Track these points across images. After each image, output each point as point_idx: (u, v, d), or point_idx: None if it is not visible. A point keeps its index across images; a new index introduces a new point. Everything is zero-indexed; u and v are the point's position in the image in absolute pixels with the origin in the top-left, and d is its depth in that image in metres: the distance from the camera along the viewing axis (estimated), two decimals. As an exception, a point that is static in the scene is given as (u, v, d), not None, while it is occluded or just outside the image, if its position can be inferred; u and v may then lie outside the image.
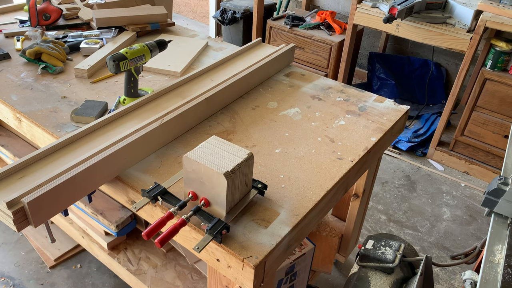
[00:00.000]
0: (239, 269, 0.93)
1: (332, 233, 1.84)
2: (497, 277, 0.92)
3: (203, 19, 4.78)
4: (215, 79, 1.57)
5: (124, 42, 1.82)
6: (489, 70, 2.43)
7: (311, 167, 1.20)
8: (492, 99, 2.48)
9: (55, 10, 1.96)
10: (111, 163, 1.09)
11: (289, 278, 1.47)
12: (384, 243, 1.38)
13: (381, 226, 2.31)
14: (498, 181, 1.05)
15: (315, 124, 1.40)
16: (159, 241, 0.88)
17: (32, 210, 0.94)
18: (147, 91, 1.50)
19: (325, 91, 1.59)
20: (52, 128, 1.30)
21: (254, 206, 1.06)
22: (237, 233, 0.98)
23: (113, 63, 1.34)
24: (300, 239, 1.10)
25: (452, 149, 2.78)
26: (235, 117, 1.41)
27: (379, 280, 1.30)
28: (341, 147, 1.30)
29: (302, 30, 3.10)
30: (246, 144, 1.28)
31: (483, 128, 2.59)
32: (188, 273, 1.65)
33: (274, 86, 1.61)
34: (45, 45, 1.64)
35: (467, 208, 2.48)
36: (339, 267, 2.05)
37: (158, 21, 1.99)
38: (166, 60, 1.71)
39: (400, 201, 2.50)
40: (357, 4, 2.71)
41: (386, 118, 1.45)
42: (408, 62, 3.31)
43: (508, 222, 1.05)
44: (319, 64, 3.15)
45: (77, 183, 1.02)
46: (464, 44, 2.42)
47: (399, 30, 2.63)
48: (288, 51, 1.72)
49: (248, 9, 3.57)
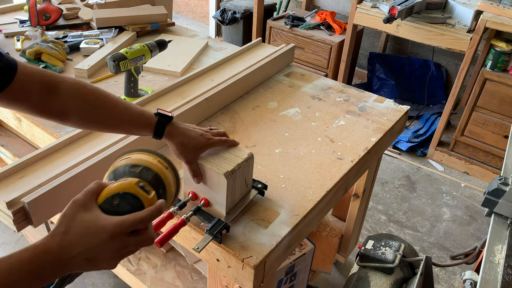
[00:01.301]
0: (239, 269, 0.93)
1: (332, 233, 1.84)
2: (497, 277, 0.92)
3: (203, 19, 4.78)
4: (215, 79, 1.57)
5: (124, 42, 1.82)
6: (489, 70, 2.43)
7: (311, 167, 1.20)
8: (492, 99, 2.48)
9: (55, 10, 1.96)
10: (111, 163, 1.09)
11: (289, 278, 1.47)
12: (384, 243, 1.38)
13: (381, 226, 2.31)
14: (498, 181, 1.05)
15: (315, 124, 1.40)
16: (158, 241, 0.87)
17: (32, 210, 0.94)
18: (147, 91, 1.50)
19: (325, 91, 1.59)
20: (52, 128, 1.30)
21: (254, 206, 1.06)
22: (237, 233, 0.98)
23: (113, 63, 1.34)
24: (300, 239, 1.10)
25: (452, 149, 2.78)
26: (235, 117, 1.41)
27: (379, 280, 1.30)
28: (341, 147, 1.30)
29: (302, 30, 3.10)
30: (246, 144, 1.28)
31: (483, 128, 2.59)
32: (188, 273, 1.65)
33: (274, 86, 1.61)
34: (45, 45, 1.64)
35: (467, 208, 2.48)
36: (339, 267, 2.05)
37: (158, 21, 1.99)
38: (166, 60, 1.71)
39: (400, 201, 2.50)
40: (357, 4, 2.71)
41: (386, 118, 1.45)
42: (408, 62, 3.31)
43: (508, 222, 1.05)
44: (319, 64, 3.15)
45: (77, 183, 1.02)
46: (464, 44, 2.42)
47: (399, 30, 2.63)
48: (288, 51, 1.72)
49: (248, 9, 3.57)
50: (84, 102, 0.89)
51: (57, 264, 0.61)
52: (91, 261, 0.62)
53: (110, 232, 0.62)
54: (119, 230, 0.63)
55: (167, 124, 0.95)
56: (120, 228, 0.63)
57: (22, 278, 0.58)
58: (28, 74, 0.83)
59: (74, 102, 0.88)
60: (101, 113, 0.91)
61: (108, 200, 0.66)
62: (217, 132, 1.01)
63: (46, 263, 0.60)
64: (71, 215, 0.64)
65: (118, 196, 0.66)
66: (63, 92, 0.87)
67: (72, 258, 0.61)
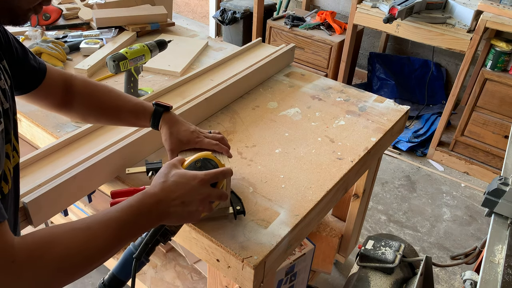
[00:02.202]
0: (239, 269, 0.93)
1: (332, 233, 1.84)
2: (497, 278, 0.92)
3: (203, 19, 4.78)
4: (215, 79, 1.57)
5: (124, 42, 1.82)
6: (489, 70, 2.43)
7: (311, 167, 1.20)
8: (492, 99, 2.48)
9: (55, 10, 1.96)
10: (111, 163, 1.09)
11: (289, 278, 1.47)
12: (384, 243, 1.38)
13: (381, 226, 2.31)
14: (498, 181, 1.05)
15: (315, 124, 1.39)
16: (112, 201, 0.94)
17: (32, 210, 0.94)
18: (147, 91, 1.50)
19: (325, 91, 1.59)
20: (52, 128, 1.30)
21: (254, 206, 1.06)
22: (237, 233, 0.98)
23: (113, 63, 1.34)
24: (300, 239, 1.10)
25: (452, 149, 2.77)
26: (235, 117, 1.41)
27: (379, 281, 1.30)
28: (341, 147, 1.30)
29: (302, 30, 3.10)
30: (246, 144, 1.28)
31: (483, 129, 2.59)
32: (188, 273, 1.65)
33: (274, 86, 1.61)
34: (45, 45, 1.64)
35: (467, 208, 2.48)
36: (339, 267, 2.05)
37: (158, 21, 1.99)
38: (166, 60, 1.71)
39: (400, 201, 2.50)
40: (357, 4, 2.71)
41: (386, 118, 1.45)
42: (408, 62, 3.31)
43: (508, 223, 1.05)
44: (319, 64, 3.15)
45: (77, 183, 1.02)
46: (464, 44, 2.42)
47: (399, 30, 2.63)
48: (288, 51, 1.72)
49: (248, 9, 3.57)
50: (91, 92, 1.00)
51: (161, 205, 0.73)
52: (185, 205, 0.75)
53: (200, 179, 0.77)
54: (206, 178, 0.78)
55: (163, 113, 1.01)
56: (206, 177, 0.78)
57: (133, 215, 0.70)
58: (53, 74, 0.95)
59: (82, 93, 1.00)
60: (105, 101, 1.00)
61: (192, 164, 0.84)
62: (212, 136, 1.03)
63: (152, 205, 0.73)
64: (167, 170, 0.79)
65: (200, 161, 0.85)
66: (75, 87, 0.99)
67: (172, 201, 0.74)
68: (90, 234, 0.66)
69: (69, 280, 0.64)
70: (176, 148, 0.99)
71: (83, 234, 0.66)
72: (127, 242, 0.71)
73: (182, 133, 1.00)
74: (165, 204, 0.74)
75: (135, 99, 1.05)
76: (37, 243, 0.61)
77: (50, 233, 0.63)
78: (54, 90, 0.96)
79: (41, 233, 0.63)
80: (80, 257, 0.64)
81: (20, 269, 0.58)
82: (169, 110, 1.02)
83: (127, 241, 0.71)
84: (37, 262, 0.59)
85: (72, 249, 0.63)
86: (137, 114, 1.02)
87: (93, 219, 0.68)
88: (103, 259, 0.68)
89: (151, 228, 0.78)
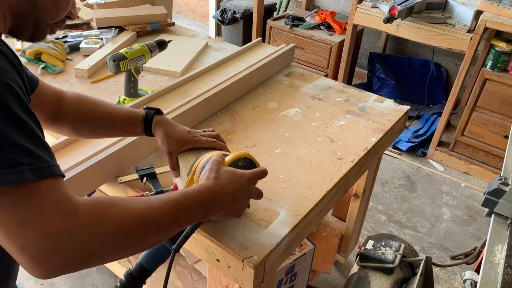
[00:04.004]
0: (239, 269, 0.93)
1: (332, 233, 1.84)
2: (497, 278, 0.92)
3: (203, 19, 4.78)
4: (215, 79, 1.57)
5: (124, 42, 1.82)
6: (489, 70, 2.43)
7: (311, 167, 1.20)
8: (492, 100, 2.48)
9: (55, 10, 1.95)
10: (111, 163, 1.09)
11: (289, 278, 1.47)
12: (384, 243, 1.38)
13: (381, 226, 2.31)
14: (498, 181, 1.05)
15: (315, 124, 1.39)
16: None
17: (32, 210, 0.94)
18: (147, 91, 1.50)
19: (325, 91, 1.59)
20: (52, 128, 1.29)
21: (254, 206, 1.06)
22: (237, 233, 0.98)
23: (113, 63, 1.34)
24: (300, 239, 1.10)
25: (452, 149, 2.77)
26: (235, 117, 1.41)
27: (379, 281, 1.30)
28: (341, 147, 1.30)
29: (302, 30, 3.10)
30: (246, 144, 1.28)
31: (483, 129, 2.59)
32: (188, 273, 1.65)
33: (274, 86, 1.61)
34: (45, 45, 1.64)
35: (467, 208, 2.48)
36: (339, 267, 2.05)
37: (158, 21, 1.99)
38: (166, 60, 1.71)
39: (400, 201, 2.50)
40: (357, 4, 2.71)
41: (386, 118, 1.45)
42: (408, 62, 3.31)
43: (508, 223, 1.05)
44: (319, 64, 3.15)
45: (77, 183, 1.02)
46: (464, 44, 2.42)
47: (399, 30, 2.63)
48: (288, 51, 1.72)
49: (248, 9, 3.57)
50: (82, 100, 1.00)
51: (216, 199, 0.79)
52: (236, 201, 0.82)
53: (247, 177, 0.84)
54: (252, 177, 0.85)
55: (154, 115, 1.00)
56: (252, 175, 0.85)
57: (191, 202, 0.75)
58: (46, 86, 0.96)
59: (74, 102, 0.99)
60: (97, 110, 1.00)
61: (234, 162, 0.90)
62: (208, 134, 1.03)
63: (209, 197, 0.78)
64: (216, 166, 0.84)
65: (241, 160, 0.91)
66: (66, 99, 0.98)
67: (226, 195, 0.80)
68: (149, 206, 0.68)
69: (120, 249, 0.64)
70: (175, 149, 0.99)
71: (143, 203, 0.68)
72: (176, 228, 0.73)
73: (178, 134, 0.99)
74: (219, 198, 0.79)
75: (126, 108, 1.05)
76: (99, 201, 0.63)
77: (111, 197, 0.66)
78: (45, 102, 0.94)
79: (102, 196, 0.67)
80: (136, 222, 0.65)
81: (82, 218, 0.59)
82: (160, 113, 1.02)
83: (177, 228, 0.73)
84: (98, 215, 0.61)
85: (130, 212, 0.65)
86: (130, 120, 1.00)
87: (152, 197, 0.71)
88: (154, 237, 0.69)
89: (201, 219, 0.80)
